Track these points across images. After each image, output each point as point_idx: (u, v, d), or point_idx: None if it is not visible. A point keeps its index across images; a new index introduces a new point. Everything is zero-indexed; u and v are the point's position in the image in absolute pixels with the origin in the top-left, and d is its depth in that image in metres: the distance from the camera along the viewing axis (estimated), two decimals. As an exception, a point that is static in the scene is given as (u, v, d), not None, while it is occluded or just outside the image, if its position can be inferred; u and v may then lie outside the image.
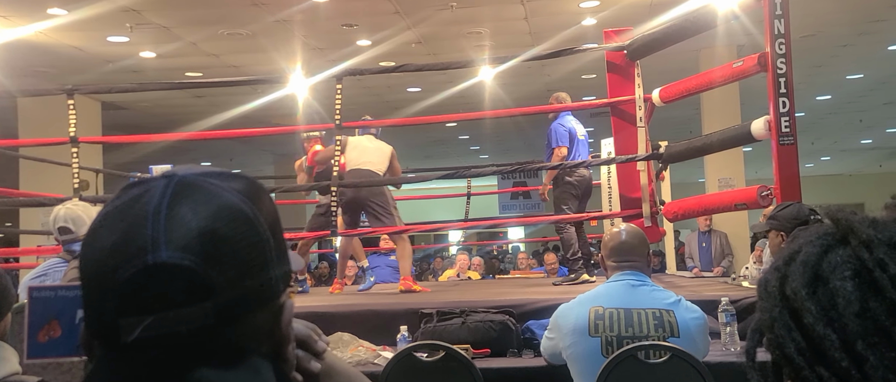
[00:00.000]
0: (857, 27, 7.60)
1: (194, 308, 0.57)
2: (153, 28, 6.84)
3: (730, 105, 7.67)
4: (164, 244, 0.57)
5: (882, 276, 0.48)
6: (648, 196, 4.02)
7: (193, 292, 0.57)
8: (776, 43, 2.97)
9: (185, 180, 0.61)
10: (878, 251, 0.49)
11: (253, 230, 0.60)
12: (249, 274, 0.59)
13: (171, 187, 0.60)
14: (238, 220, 0.59)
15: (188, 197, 0.60)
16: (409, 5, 6.51)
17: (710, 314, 2.74)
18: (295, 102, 7.83)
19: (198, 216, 0.58)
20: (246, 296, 0.59)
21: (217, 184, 0.61)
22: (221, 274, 0.57)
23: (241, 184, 0.63)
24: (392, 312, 3.35)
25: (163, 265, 0.57)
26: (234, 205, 0.60)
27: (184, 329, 0.57)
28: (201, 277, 0.57)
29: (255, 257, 0.59)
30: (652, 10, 6.43)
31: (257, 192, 0.63)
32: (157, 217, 0.58)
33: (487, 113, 4.16)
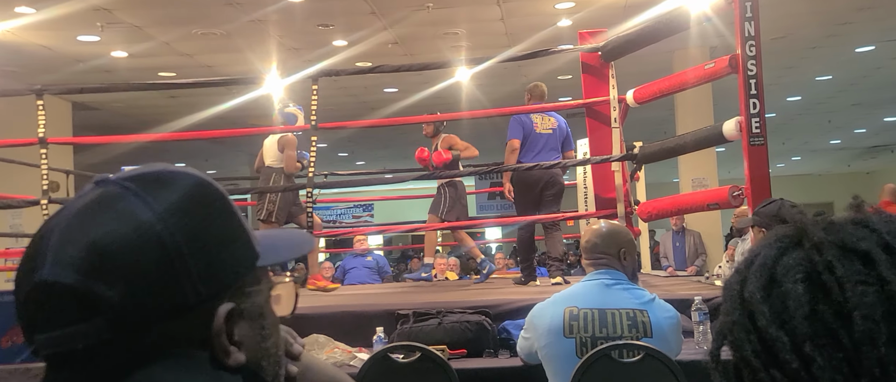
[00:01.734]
0: (825, 29, 7.74)
1: (85, 324, 0.55)
2: (125, 27, 6.74)
3: (703, 106, 7.77)
4: (50, 261, 0.56)
5: (830, 279, 0.49)
6: (623, 196, 4.06)
7: (82, 309, 0.55)
8: (747, 45, 3.02)
9: (107, 189, 0.60)
10: (827, 253, 0.50)
11: (152, 240, 0.57)
12: (146, 288, 0.56)
13: (94, 192, 0.60)
14: (134, 231, 0.57)
15: (103, 205, 0.58)
16: (385, 6, 6.50)
17: (684, 312, 2.77)
18: (270, 103, 7.78)
19: (93, 230, 0.57)
20: (145, 309, 0.56)
21: (135, 191, 0.59)
22: (109, 290, 0.55)
23: (166, 188, 0.60)
24: (368, 313, 3.34)
25: (46, 282, 0.56)
26: (134, 214, 0.58)
27: (80, 346, 0.55)
28: (85, 294, 0.55)
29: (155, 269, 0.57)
30: (626, 12, 6.49)
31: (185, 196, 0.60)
32: (59, 227, 0.58)
33: (464, 113, 4.16)
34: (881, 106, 12.08)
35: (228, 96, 8.63)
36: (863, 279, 0.48)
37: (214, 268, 0.60)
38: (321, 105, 4.47)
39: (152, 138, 7.92)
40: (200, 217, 0.60)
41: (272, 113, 7.67)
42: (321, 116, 4.48)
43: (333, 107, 9.84)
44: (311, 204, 4.41)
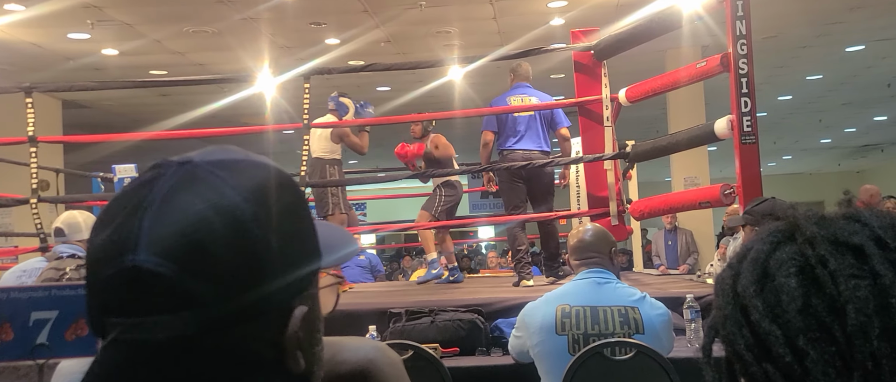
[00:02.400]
0: (816, 29, 7.78)
1: (173, 316, 0.53)
2: (115, 25, 6.70)
3: (695, 104, 7.80)
4: (144, 246, 0.54)
5: (823, 273, 0.49)
6: (615, 194, 4.07)
7: (171, 300, 0.53)
8: (738, 44, 3.03)
9: (193, 171, 0.57)
10: (820, 248, 0.50)
11: (247, 236, 0.55)
12: (237, 285, 0.55)
13: (176, 177, 0.57)
14: (232, 224, 0.55)
15: (189, 190, 0.56)
16: (378, 4, 6.49)
17: (676, 310, 2.78)
18: (262, 101, 7.75)
19: (189, 215, 0.54)
20: (233, 306, 0.55)
21: (224, 177, 0.57)
22: (203, 285, 0.53)
23: (255, 178, 0.58)
24: (360, 312, 3.33)
25: (139, 269, 0.53)
26: (229, 206, 0.55)
27: (162, 337, 0.54)
28: (179, 286, 0.53)
29: (247, 267, 0.55)
30: (619, 11, 6.50)
31: (273, 185, 0.58)
32: (148, 211, 0.55)
33: (457, 112, 4.15)
34: (871, 105, 12.16)
35: (220, 95, 8.59)
36: (856, 273, 0.48)
37: (295, 268, 0.58)
38: (313, 103, 4.46)
39: (144, 137, 7.86)
40: (286, 211, 0.59)
41: (264, 111, 7.64)
42: (313, 115, 4.47)
43: (325, 106, 9.82)
44: (303, 203, 4.40)
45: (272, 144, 13.61)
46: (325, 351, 0.72)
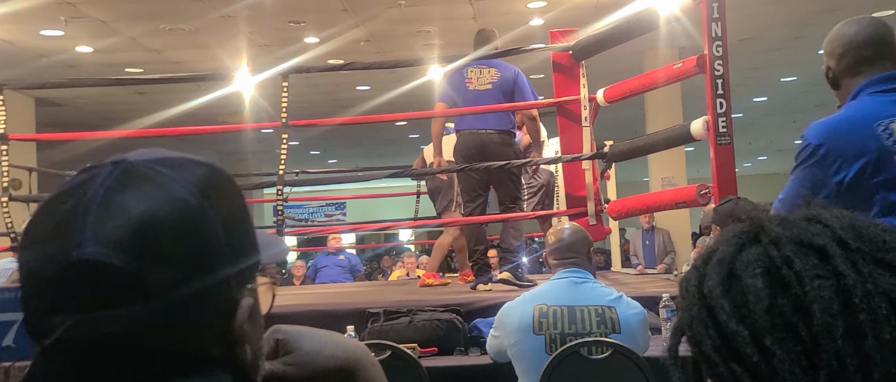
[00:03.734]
0: (791, 31, 7.89)
1: (123, 308, 0.53)
2: (90, 22, 6.60)
3: (672, 105, 7.87)
4: (91, 239, 0.53)
5: (789, 273, 0.49)
6: (593, 194, 4.09)
7: (123, 292, 0.53)
8: (714, 45, 3.06)
9: (131, 168, 0.57)
10: (785, 248, 0.50)
11: (197, 225, 0.56)
12: (190, 274, 0.55)
13: (113, 175, 0.56)
14: (180, 215, 0.55)
15: (131, 186, 0.56)
16: (357, 3, 6.47)
17: (652, 310, 2.80)
18: (241, 100, 7.68)
19: (135, 209, 0.54)
20: (184, 297, 0.55)
21: (166, 173, 0.57)
22: (156, 274, 0.53)
23: (198, 174, 0.58)
24: (338, 312, 3.32)
25: (89, 262, 0.53)
26: (179, 197, 0.56)
27: (112, 331, 0.53)
28: (130, 276, 0.53)
29: (197, 254, 0.56)
30: (598, 12, 6.54)
31: (214, 182, 0.59)
32: (90, 208, 0.54)
33: (437, 112, 4.14)
34: (844, 107, 12.36)
35: (198, 93, 8.50)
36: (820, 273, 0.49)
37: (242, 259, 0.59)
38: (293, 102, 4.42)
39: (119, 135, 7.72)
40: (228, 201, 0.59)
41: (243, 110, 7.57)
42: (292, 114, 4.44)
43: (305, 105, 9.77)
44: (282, 203, 4.37)
45: (251, 143, 13.52)
46: (307, 342, 0.73)
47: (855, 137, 1.59)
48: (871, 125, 1.58)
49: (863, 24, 1.74)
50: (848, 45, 1.71)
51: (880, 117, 1.59)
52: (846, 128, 1.62)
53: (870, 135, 1.58)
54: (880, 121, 1.58)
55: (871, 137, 1.57)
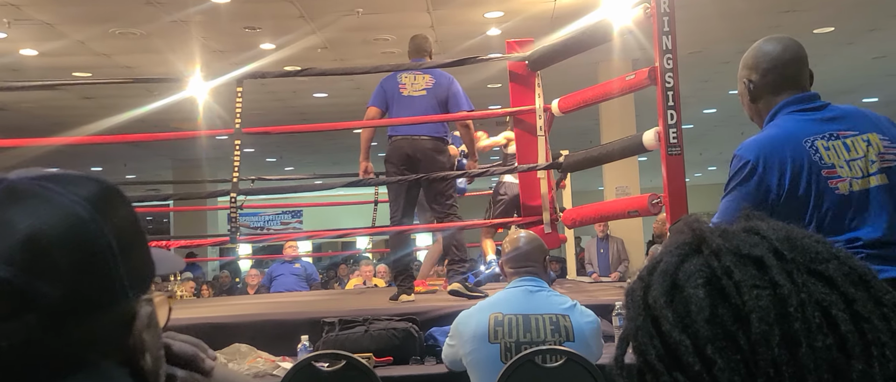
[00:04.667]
0: (737, 45, 8.12)
1: (17, 321, 0.53)
2: (35, 24, 6.40)
3: (626, 116, 8.02)
4: None
5: (729, 283, 0.51)
6: (548, 203, 4.13)
7: (14, 304, 0.53)
8: (664, 58, 3.13)
9: (14, 185, 0.57)
10: (725, 259, 0.52)
11: (89, 237, 0.56)
12: (80, 283, 0.55)
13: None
14: (70, 227, 0.56)
15: (15, 203, 0.56)
16: (314, 10, 6.42)
17: (606, 318, 2.84)
18: (194, 106, 7.53)
19: (23, 223, 0.54)
20: (77, 306, 0.55)
21: (54, 189, 0.57)
22: (46, 285, 0.54)
23: (87, 190, 0.59)
24: (293, 321, 3.27)
25: None
26: (68, 211, 0.56)
27: (4, 344, 0.53)
28: (20, 288, 0.53)
29: (90, 266, 0.56)
30: (554, 23, 6.64)
31: (107, 197, 0.60)
32: None
33: (394, 120, 4.10)
34: (790, 119, 12.79)
35: (149, 98, 8.31)
36: (757, 283, 0.50)
37: (137, 269, 0.60)
38: (248, 109, 4.36)
39: (65, 141, 7.50)
40: (121, 215, 0.60)
41: (196, 116, 7.42)
42: (248, 121, 4.37)
43: (262, 112, 9.64)
44: (236, 211, 4.30)
45: (205, 150, 13.25)
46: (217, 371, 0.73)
47: (787, 153, 1.67)
48: (800, 142, 1.68)
49: (786, 43, 1.84)
50: (773, 62, 1.79)
51: (807, 135, 1.69)
52: (778, 144, 1.69)
53: (801, 150, 1.67)
54: (807, 138, 1.68)
55: (801, 153, 1.67)
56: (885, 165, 1.69)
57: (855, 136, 1.70)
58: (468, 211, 8.02)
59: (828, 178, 1.66)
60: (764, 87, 1.80)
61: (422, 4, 6.35)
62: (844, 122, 1.73)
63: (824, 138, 1.69)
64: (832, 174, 1.66)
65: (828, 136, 1.69)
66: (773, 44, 1.84)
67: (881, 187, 1.68)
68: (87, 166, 13.66)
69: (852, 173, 1.67)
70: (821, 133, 1.69)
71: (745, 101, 1.87)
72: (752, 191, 1.69)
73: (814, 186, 1.65)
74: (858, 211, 1.66)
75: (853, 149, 1.69)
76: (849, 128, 1.72)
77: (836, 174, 1.66)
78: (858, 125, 1.73)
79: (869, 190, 1.67)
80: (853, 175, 1.67)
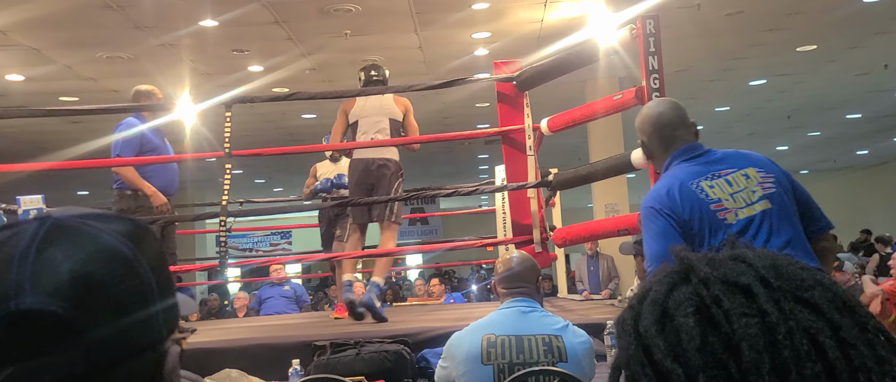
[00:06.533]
0: (721, 64, 8.25)
1: (62, 356, 0.53)
2: (21, 50, 6.38)
3: (613, 133, 8.08)
4: (29, 289, 0.54)
5: (718, 312, 0.52)
6: (538, 222, 4.14)
7: (61, 339, 0.53)
8: (651, 78, 3.17)
9: (59, 222, 0.58)
10: (714, 288, 0.53)
11: (132, 273, 0.57)
12: (126, 320, 0.56)
13: (42, 230, 0.57)
14: (115, 263, 0.57)
15: (61, 239, 0.57)
16: (302, 32, 6.45)
17: (597, 337, 2.84)
18: (182, 129, 7.49)
19: (70, 259, 0.55)
20: (121, 343, 0.56)
21: (95, 225, 0.59)
22: (93, 320, 0.54)
23: (124, 226, 0.60)
24: (284, 345, 3.25)
25: (27, 312, 0.53)
26: (111, 247, 0.57)
27: (49, 379, 0.53)
28: (70, 323, 0.53)
29: (134, 302, 0.57)
30: (540, 42, 6.71)
31: (140, 234, 0.61)
32: (23, 261, 0.55)
33: (383, 141, 4.12)
34: (774, 135, 12.94)
35: (137, 121, 8.26)
36: (746, 311, 0.51)
37: (170, 307, 0.61)
38: (237, 130, 4.37)
39: (52, 166, 7.44)
40: (154, 252, 0.61)
41: (183, 139, 7.40)
42: (236, 142, 4.37)
43: (249, 133, 9.63)
44: (225, 233, 4.28)
45: (191, 172, 13.18)
46: None
47: (681, 196, 1.95)
48: (688, 185, 1.97)
49: (664, 106, 2.14)
50: (655, 125, 2.10)
51: (693, 178, 1.98)
52: (671, 191, 1.97)
53: (689, 192, 1.96)
54: (693, 181, 1.98)
55: (690, 194, 1.95)
56: (766, 192, 1.96)
57: (734, 172, 1.98)
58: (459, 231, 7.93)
59: (716, 211, 1.92)
60: (654, 147, 2.11)
61: (409, 25, 6.39)
62: (724, 163, 2.01)
63: (708, 178, 1.97)
64: (719, 207, 1.93)
65: (711, 176, 1.97)
66: (654, 108, 2.14)
67: (765, 212, 1.94)
68: (74, 190, 13.56)
69: (736, 204, 1.94)
70: (704, 174, 1.98)
71: (647, 158, 2.18)
72: (665, 231, 1.93)
73: (706, 220, 1.91)
74: (745, 236, 1.88)
75: (735, 183, 1.97)
76: (728, 167, 2.00)
77: (723, 206, 1.93)
78: (736, 163, 2.01)
79: (754, 216, 1.93)
80: (737, 205, 1.94)
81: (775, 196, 1.97)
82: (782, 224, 1.94)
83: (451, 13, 6.09)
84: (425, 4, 5.90)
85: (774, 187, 1.98)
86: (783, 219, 1.95)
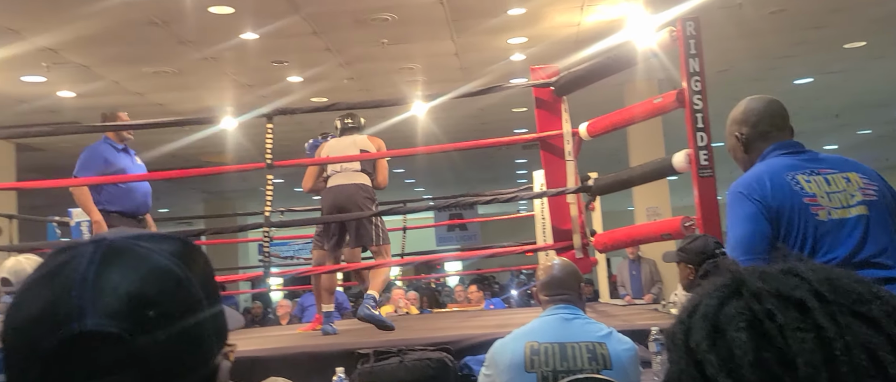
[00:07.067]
0: (765, 62, 8.07)
1: (121, 375, 0.56)
2: (72, 67, 6.61)
3: (654, 136, 7.98)
4: (90, 311, 0.56)
5: (771, 326, 0.51)
6: (579, 227, 4.11)
7: (121, 359, 0.56)
8: (692, 80, 3.12)
9: (113, 245, 0.61)
10: (766, 302, 0.52)
11: (184, 291, 0.60)
12: (181, 337, 0.58)
13: (99, 252, 0.60)
14: (168, 283, 0.59)
15: (117, 261, 0.59)
16: (340, 43, 6.53)
17: (642, 343, 2.80)
18: (224, 140, 7.66)
19: (126, 280, 0.58)
20: (176, 361, 0.58)
21: (148, 246, 0.61)
22: (151, 339, 0.56)
23: (174, 246, 0.63)
24: (328, 353, 3.29)
25: (89, 333, 0.55)
26: (164, 267, 0.60)
27: None
28: (128, 344, 0.56)
29: (187, 319, 0.59)
30: (577, 45, 6.65)
31: (190, 253, 0.63)
32: (83, 283, 0.57)
33: (420, 149, 4.15)
34: (821, 134, 12.59)
35: (181, 134, 8.49)
36: (801, 326, 0.50)
37: (220, 324, 0.63)
38: (276, 140, 4.44)
39: (100, 180, 7.68)
40: (203, 270, 0.64)
41: (227, 150, 7.54)
42: (277, 152, 4.45)
43: (290, 143, 9.78)
44: (267, 243, 4.36)
45: (234, 182, 13.42)
46: None
47: (773, 183, 1.92)
48: (783, 175, 1.94)
49: (767, 100, 2.12)
50: (761, 115, 2.08)
51: (789, 170, 1.95)
52: (765, 178, 1.94)
53: (784, 182, 1.92)
54: (789, 172, 1.95)
55: (785, 184, 1.92)
56: (866, 198, 1.92)
57: (835, 173, 1.94)
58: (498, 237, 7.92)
59: (809, 205, 1.88)
60: (755, 136, 2.06)
61: (445, 32, 6.42)
62: (825, 163, 1.98)
63: (805, 173, 1.93)
64: (813, 202, 1.88)
65: (809, 172, 1.94)
66: (757, 102, 2.12)
67: (860, 217, 1.89)
68: (121, 201, 13.94)
69: (831, 204, 1.89)
70: (802, 169, 1.94)
71: (738, 154, 2.11)
72: (754, 215, 1.88)
73: (797, 212, 1.87)
74: (836, 236, 1.86)
75: (833, 183, 1.92)
76: (829, 167, 1.96)
77: (817, 202, 1.88)
78: (838, 165, 1.98)
79: (846, 219, 1.88)
80: (832, 205, 1.89)
81: (876, 204, 1.91)
82: (879, 232, 1.88)
83: (488, 19, 6.09)
84: (461, 11, 5.92)
85: (876, 196, 1.93)
86: (880, 228, 1.89)
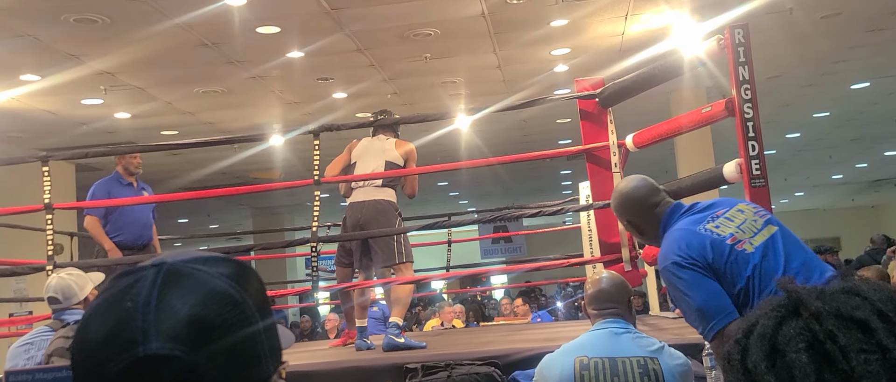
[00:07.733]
0: (818, 68, 7.84)
1: None
2: (128, 89, 6.85)
3: (703, 145, 7.82)
4: (154, 335, 0.58)
5: (833, 348, 0.49)
6: (627, 240, 4.05)
7: (182, 380, 0.58)
8: (741, 89, 3.05)
9: (173, 268, 0.63)
10: (827, 323, 0.50)
11: (241, 313, 0.61)
12: (239, 358, 0.60)
13: (160, 276, 0.62)
14: (226, 305, 0.61)
15: (177, 285, 0.61)
16: (383, 58, 6.61)
17: (695, 357, 2.74)
18: (272, 156, 7.81)
19: (186, 304, 0.60)
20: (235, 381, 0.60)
21: (205, 270, 0.63)
22: (211, 361, 0.58)
23: (229, 268, 0.64)
24: (375, 368, 3.31)
25: (154, 356, 0.58)
26: (221, 290, 0.62)
27: None
28: (191, 366, 0.58)
29: (244, 340, 0.61)
30: (621, 55, 6.59)
31: (245, 275, 0.65)
32: (147, 308, 0.60)
33: (463, 163, 4.16)
34: (881, 140, 12.15)
35: (231, 151, 8.71)
36: (865, 347, 0.49)
37: (274, 343, 0.65)
38: (322, 154, 4.51)
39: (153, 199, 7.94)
40: (257, 290, 0.65)
41: (275, 167, 7.70)
42: (323, 168, 4.52)
43: (333, 157, 9.91)
44: (316, 258, 4.42)
45: (282, 197, 13.63)
46: None
47: (696, 243, 1.97)
48: (696, 231, 2.00)
49: (635, 181, 2.21)
50: (637, 201, 2.16)
51: (696, 225, 2.02)
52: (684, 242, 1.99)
53: (701, 237, 1.98)
54: (698, 226, 2.01)
55: (704, 238, 1.97)
56: (765, 219, 2.02)
57: (729, 210, 2.04)
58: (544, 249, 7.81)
59: (733, 245, 1.94)
60: (644, 220, 2.16)
61: (488, 46, 6.44)
62: (714, 207, 2.06)
63: (709, 221, 2.01)
64: (734, 241, 1.95)
65: (711, 219, 2.02)
66: (627, 185, 2.21)
67: (773, 235, 1.97)
68: (174, 219, 14.34)
69: (747, 235, 1.97)
70: (703, 219, 2.02)
71: (638, 237, 2.22)
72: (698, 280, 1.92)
73: (728, 256, 1.93)
74: (766, 260, 1.91)
75: (735, 218, 2.01)
76: (720, 208, 2.05)
77: (737, 239, 1.96)
78: (724, 204, 2.07)
79: (766, 241, 1.95)
80: (748, 235, 1.97)
81: (774, 220, 2.03)
82: (793, 245, 1.98)
83: (530, 31, 6.09)
84: (504, 24, 5.93)
85: (769, 214, 2.05)
86: (791, 241, 1.99)
